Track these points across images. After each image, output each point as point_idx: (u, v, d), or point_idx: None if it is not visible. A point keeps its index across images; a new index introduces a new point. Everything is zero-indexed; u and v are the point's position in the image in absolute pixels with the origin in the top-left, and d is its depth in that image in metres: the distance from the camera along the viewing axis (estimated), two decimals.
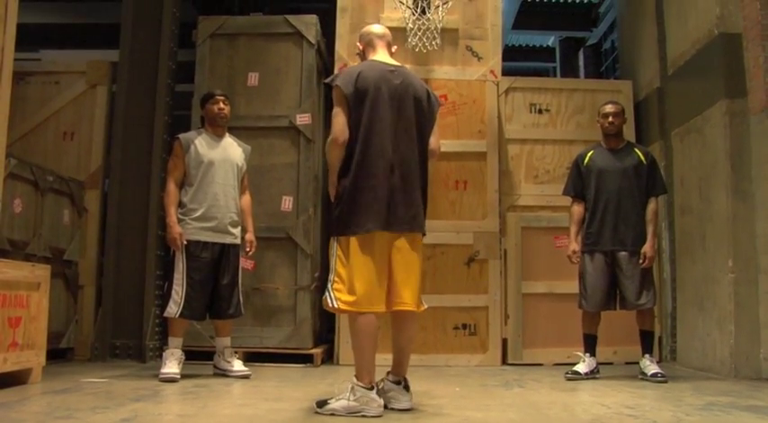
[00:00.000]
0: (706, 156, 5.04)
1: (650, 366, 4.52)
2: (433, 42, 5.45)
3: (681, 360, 5.41)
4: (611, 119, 4.80)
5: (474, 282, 5.56)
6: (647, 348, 4.64)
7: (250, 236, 4.74)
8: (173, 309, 4.33)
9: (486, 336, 5.51)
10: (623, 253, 4.61)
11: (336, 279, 3.16)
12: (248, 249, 4.72)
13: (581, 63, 10.16)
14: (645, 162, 4.74)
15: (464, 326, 5.51)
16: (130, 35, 5.67)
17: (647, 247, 4.59)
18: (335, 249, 3.21)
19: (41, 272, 4.12)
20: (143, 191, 5.46)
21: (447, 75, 5.78)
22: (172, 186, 4.51)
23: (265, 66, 5.74)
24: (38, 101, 5.93)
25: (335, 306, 3.14)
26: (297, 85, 5.72)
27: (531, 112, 6.16)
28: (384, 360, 3.40)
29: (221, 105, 4.69)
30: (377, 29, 3.55)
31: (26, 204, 4.79)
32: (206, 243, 4.45)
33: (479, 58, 5.78)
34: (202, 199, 4.50)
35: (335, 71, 5.65)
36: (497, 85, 5.85)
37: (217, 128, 4.70)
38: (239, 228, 4.65)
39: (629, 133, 6.08)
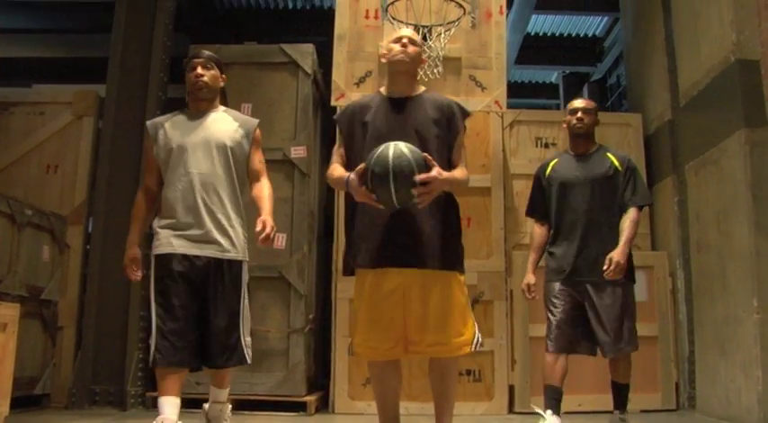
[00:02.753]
0: (724, 189, 4.77)
1: None
2: (435, 70, 5.22)
3: (701, 408, 5.04)
4: (580, 114, 4.00)
5: (478, 324, 5.22)
6: (618, 403, 3.90)
7: (264, 217, 3.35)
8: (150, 355, 3.25)
9: (491, 382, 5.16)
10: (595, 282, 3.75)
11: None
12: (259, 229, 3.27)
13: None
14: (621, 169, 3.91)
15: (468, 372, 5.16)
16: (119, 66, 5.51)
17: (615, 253, 3.66)
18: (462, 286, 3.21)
19: (9, 311, 3.80)
20: (128, 228, 5.17)
21: None
22: (139, 196, 3.52)
23: (259, 96, 5.51)
24: (22, 132, 5.72)
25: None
26: (292, 117, 5.50)
27: (536, 146, 5.91)
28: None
29: (199, 71, 3.44)
30: None
31: (1, 239, 4.51)
32: (180, 255, 3.26)
33: (483, 89, 5.53)
34: (172, 198, 3.34)
35: (333, 101, 5.41)
36: (502, 116, 5.61)
37: (198, 102, 3.50)
38: (236, 235, 3.38)
39: (639, 167, 5.85)
